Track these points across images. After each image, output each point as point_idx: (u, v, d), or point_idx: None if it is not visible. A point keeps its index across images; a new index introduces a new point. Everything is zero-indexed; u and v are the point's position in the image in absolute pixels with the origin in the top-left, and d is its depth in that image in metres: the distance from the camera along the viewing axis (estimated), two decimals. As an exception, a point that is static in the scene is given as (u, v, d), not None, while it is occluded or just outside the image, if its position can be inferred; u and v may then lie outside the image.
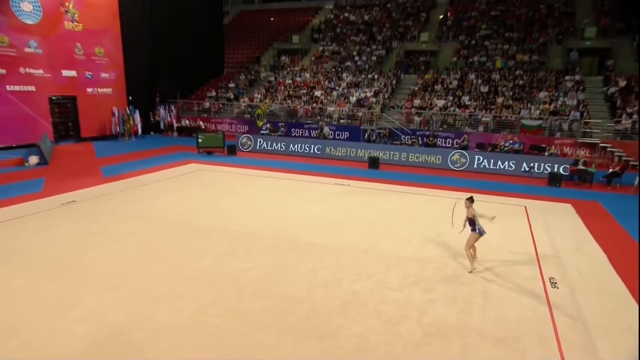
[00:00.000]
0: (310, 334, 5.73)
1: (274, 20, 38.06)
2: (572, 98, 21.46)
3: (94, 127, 22.01)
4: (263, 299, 6.64)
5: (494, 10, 30.52)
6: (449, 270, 7.92)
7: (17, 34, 17.66)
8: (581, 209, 12.19)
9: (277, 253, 8.52)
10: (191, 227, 9.95)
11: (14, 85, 17.78)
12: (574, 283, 7.50)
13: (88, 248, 8.53)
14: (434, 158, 18.03)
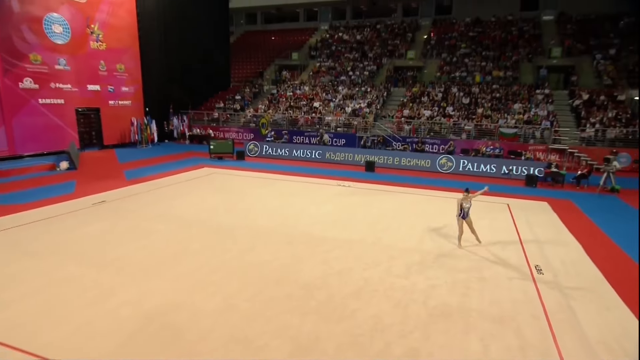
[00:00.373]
0: (330, 316, 5.83)
1: (275, 39, 38.17)
2: (542, 109, 21.74)
3: (115, 135, 22.01)
4: (284, 286, 6.73)
5: (472, 32, 30.84)
6: (447, 260, 8.04)
7: (49, 52, 17.70)
8: (556, 206, 12.36)
9: (293, 247, 8.57)
10: (212, 224, 9.95)
11: (45, 98, 17.80)
12: (556, 269, 7.66)
13: (121, 243, 8.56)
14: (424, 162, 18.12)
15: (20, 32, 16.56)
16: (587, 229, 10.35)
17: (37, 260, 7.51)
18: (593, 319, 5.92)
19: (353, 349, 5.05)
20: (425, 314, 5.93)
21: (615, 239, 9.63)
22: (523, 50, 27.92)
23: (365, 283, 6.87)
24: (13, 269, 7.13)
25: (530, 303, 6.32)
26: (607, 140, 19.67)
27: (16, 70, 16.57)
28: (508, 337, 5.38)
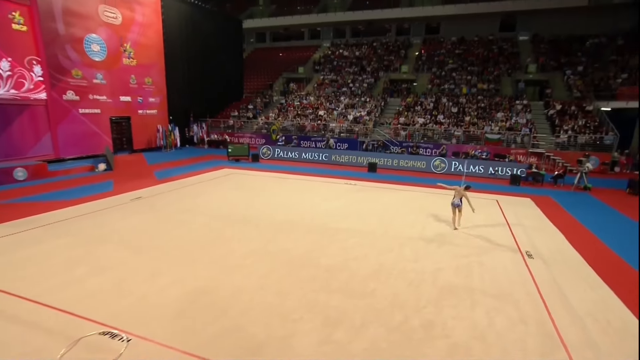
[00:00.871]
0: (353, 293, 6.01)
1: (282, 56, 38.28)
2: (522, 118, 21.88)
3: (143, 141, 22.13)
4: (309, 269, 6.89)
5: (458, 49, 30.96)
6: (449, 247, 8.20)
7: (88, 68, 17.90)
8: (538, 202, 12.53)
9: (313, 236, 8.68)
10: (236, 217, 10.03)
11: (84, 108, 17.97)
12: (544, 255, 7.85)
13: (160, 232, 8.70)
14: (420, 163, 18.21)
15: (64, 51, 16.76)
16: (566, 221, 10.52)
17: (93, 246, 7.69)
18: (579, 296, 6.13)
19: (377, 321, 5.23)
20: (435, 291, 6.12)
21: (591, 229, 9.85)
22: (503, 66, 28.11)
23: (381, 267, 7.04)
24: (77, 252, 7.34)
25: (524, 282, 6.52)
26: (578, 145, 19.88)
27: (61, 84, 16.75)
28: (509, 311, 5.57)
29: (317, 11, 38.05)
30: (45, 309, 5.33)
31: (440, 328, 5.08)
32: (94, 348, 4.56)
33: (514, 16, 32.03)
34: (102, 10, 18.37)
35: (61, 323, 5.02)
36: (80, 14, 17.32)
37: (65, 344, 4.57)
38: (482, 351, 4.62)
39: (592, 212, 11.64)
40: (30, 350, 4.47)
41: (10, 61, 14.74)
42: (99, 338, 4.75)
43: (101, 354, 4.42)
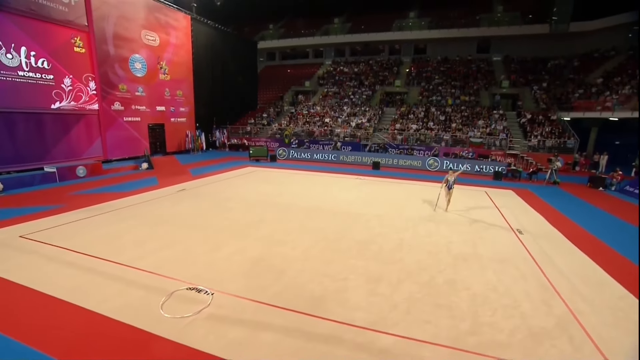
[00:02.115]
0: (385, 261, 6.44)
1: (290, 72, 38.62)
2: (499, 125, 22.37)
3: (175, 144, 22.42)
4: (344, 242, 7.29)
5: (443, 67, 31.46)
6: (454, 225, 8.65)
7: (131, 83, 18.27)
8: (519, 193, 13.05)
9: (339, 218, 9.04)
10: (271, 204, 10.27)
11: (128, 117, 18.30)
12: (531, 232, 8.35)
13: (209, 216, 8.97)
14: (416, 162, 18.61)
15: (113, 68, 17.16)
16: (543, 207, 11.05)
17: (157, 226, 8.04)
18: (562, 260, 6.66)
19: (409, 279, 5.67)
20: (450, 258, 6.58)
21: (563, 212, 10.40)
22: (481, 82, 28.64)
23: (402, 241, 7.47)
24: (145, 231, 7.69)
25: (519, 251, 7.02)
26: (546, 147, 20.43)
27: (109, 96, 17.12)
28: (511, 271, 6.06)
29: (320, 34, 38.49)
30: (136, 271, 5.71)
31: (460, 284, 5.54)
32: (186, 299, 4.96)
33: (489, 40, 32.69)
34: (144, 34, 18.75)
35: (154, 281, 5.41)
36: (126, 37, 17.71)
37: (161, 296, 4.96)
38: (496, 299, 5.09)
39: (562, 200, 12.19)
40: (133, 301, 4.86)
41: (71, 78, 15.10)
42: (188, 292, 5.15)
43: (194, 304, 4.82)
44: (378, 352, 3.93)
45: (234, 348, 3.96)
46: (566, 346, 4.10)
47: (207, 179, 14.32)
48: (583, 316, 4.73)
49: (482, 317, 4.62)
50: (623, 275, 6.04)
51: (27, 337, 4.06)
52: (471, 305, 4.92)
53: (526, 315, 4.69)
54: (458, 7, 34.64)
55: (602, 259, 6.73)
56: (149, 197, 10.81)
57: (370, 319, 4.54)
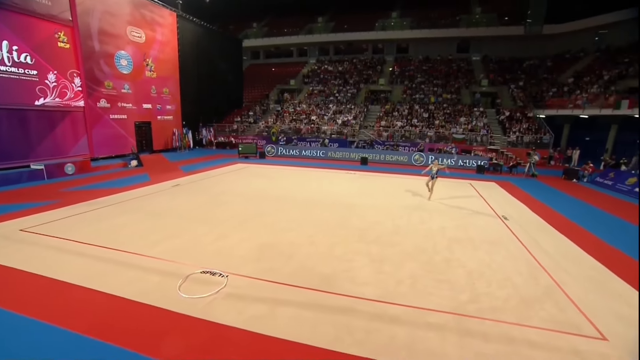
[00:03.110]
0: (385, 244, 6.84)
1: (275, 70, 38.69)
2: (480, 121, 23.29)
3: (162, 142, 22.22)
4: (345, 229, 7.65)
5: (425, 66, 32.32)
6: (445, 213, 9.18)
7: (117, 80, 18.03)
8: (501, 185, 13.77)
9: (337, 208, 9.39)
10: (268, 197, 10.47)
11: (114, 114, 18.06)
12: (515, 217, 8.98)
13: (209, 208, 9.10)
14: (403, 157, 19.15)
15: (99, 65, 16.92)
16: (524, 197, 11.78)
17: (160, 218, 8.18)
18: (546, 241, 7.27)
19: (409, 259, 6.11)
20: (446, 241, 7.07)
21: (542, 201, 11.14)
22: (462, 80, 29.63)
23: (398, 228, 7.91)
24: (148, 224, 7.79)
25: (507, 235, 7.59)
26: (524, 143, 21.49)
27: (95, 93, 16.86)
28: (502, 251, 6.60)
29: (304, 33, 38.76)
30: (148, 259, 5.88)
31: (457, 262, 6.03)
32: (202, 282, 5.20)
33: (468, 41, 33.83)
34: (130, 30, 18.56)
35: (168, 267, 5.61)
36: (112, 33, 17.49)
37: (177, 280, 5.19)
38: (490, 274, 5.59)
39: (540, 191, 12.99)
40: (150, 285, 5.06)
41: (55, 74, 14.82)
42: (203, 275, 5.39)
43: (210, 285, 5.07)
44: (390, 319, 4.32)
45: (256, 321, 4.26)
46: (553, 309, 4.63)
47: (200, 175, 14.37)
48: (565, 285, 5.30)
49: (479, 289, 5.10)
50: (595, 251, 6.75)
51: (51, 317, 4.23)
52: (468, 279, 5.40)
53: (518, 286, 5.21)
54: (438, 8, 35.69)
55: (578, 239, 7.42)
56: (145, 192, 10.83)
57: (379, 293, 4.93)
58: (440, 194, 10.97)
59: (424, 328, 4.15)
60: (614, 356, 3.78)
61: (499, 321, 4.32)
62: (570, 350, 3.83)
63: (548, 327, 4.23)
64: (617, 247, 7.07)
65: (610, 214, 10.01)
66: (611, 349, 3.89)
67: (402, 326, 4.17)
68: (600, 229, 8.27)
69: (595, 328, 4.26)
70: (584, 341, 4.00)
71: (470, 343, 3.90)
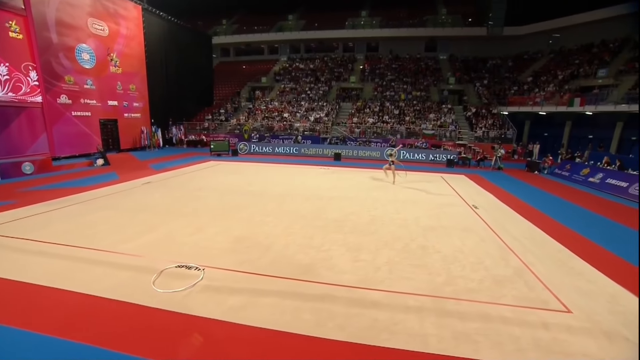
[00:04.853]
0: (361, 233, 6.90)
1: (245, 68, 38.02)
2: (448, 118, 24.02)
3: (129, 141, 21.28)
4: (321, 221, 7.66)
5: (394, 64, 32.84)
6: (419, 204, 9.36)
7: (79, 75, 17.03)
8: (470, 177, 14.27)
9: (312, 201, 9.39)
10: (243, 192, 10.35)
11: (76, 111, 17.08)
12: (485, 206, 9.32)
13: (186, 203, 8.90)
14: (375, 153, 19.38)
15: (58, 58, 15.90)
16: (491, 187, 12.29)
17: (133, 214, 7.87)
18: (512, 227, 7.62)
19: (386, 247, 6.19)
20: (420, 229, 7.22)
21: (508, 191, 11.67)
22: (430, 78, 30.41)
23: (374, 218, 8.01)
24: (122, 219, 7.47)
25: (478, 222, 7.87)
26: (490, 138, 22.38)
27: (55, 88, 15.86)
28: (474, 237, 6.83)
29: (274, 30, 38.42)
30: (121, 255, 5.62)
31: (431, 248, 6.17)
32: (177, 276, 5.02)
33: (435, 40, 34.76)
34: (91, 22, 17.61)
35: (141, 263, 5.38)
36: (72, 25, 16.51)
37: (151, 275, 4.98)
38: (464, 258, 5.77)
39: (506, 182, 13.58)
40: (122, 280, 4.84)
41: (7, 66, 13.81)
42: (178, 270, 5.21)
43: (186, 279, 4.91)
44: (370, 304, 4.35)
45: (235, 312, 4.16)
46: (523, 288, 4.84)
47: (171, 172, 13.95)
48: (533, 266, 5.56)
49: (454, 272, 5.25)
50: (557, 235, 7.14)
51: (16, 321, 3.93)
52: (444, 264, 5.54)
53: (490, 268, 5.41)
54: (406, 8, 36.46)
55: (542, 224, 7.83)
56: (115, 190, 10.37)
57: (358, 279, 4.96)
58: (414, 186, 11.23)
59: (404, 311, 4.21)
60: (577, 326, 4.00)
61: (474, 301, 4.45)
62: (539, 324, 4.01)
63: (519, 304, 4.41)
64: (575, 230, 7.52)
65: (568, 201, 10.63)
66: (575, 320, 4.12)
67: (382, 310, 4.21)
68: (560, 214, 8.77)
69: (560, 302, 4.49)
70: (551, 315, 4.21)
71: (448, 323, 4.00)
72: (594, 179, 13.20)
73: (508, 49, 32.24)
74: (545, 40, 30.67)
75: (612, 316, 4.24)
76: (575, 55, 26.69)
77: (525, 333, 3.85)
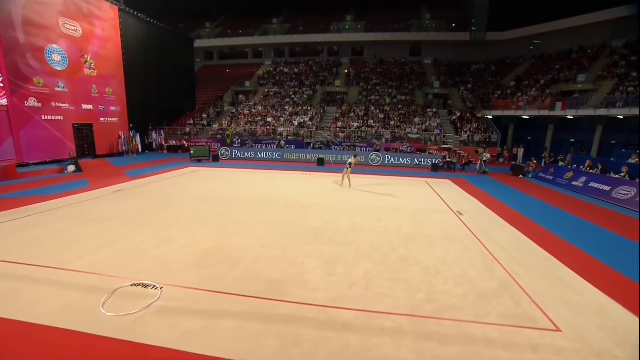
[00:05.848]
0: (339, 243, 6.49)
1: (229, 72, 37.45)
2: (433, 121, 24.00)
3: (106, 146, 20.49)
4: (298, 229, 7.23)
5: (379, 68, 32.89)
6: (401, 211, 9.00)
7: (49, 77, 16.23)
8: (455, 182, 14.08)
9: (291, 208, 8.99)
10: (220, 199, 9.96)
11: (47, 115, 16.24)
12: (469, 213, 9.04)
13: (156, 211, 8.43)
14: (359, 157, 18.99)
15: (25, 59, 15.11)
16: (476, 192, 12.06)
17: (98, 224, 7.30)
18: (497, 233, 7.32)
19: (364, 258, 5.79)
20: (401, 238, 6.84)
21: (493, 195, 11.48)
22: (415, 82, 30.49)
23: (354, 226, 7.61)
24: (84, 229, 6.92)
25: (461, 229, 7.54)
26: (475, 141, 22.41)
27: (22, 90, 15.04)
28: (456, 246, 6.48)
29: (258, 34, 38.02)
30: (72, 273, 5.07)
31: (412, 260, 5.79)
32: (131, 296, 4.51)
33: (419, 44, 34.98)
34: (63, 22, 16.85)
35: (93, 281, 4.84)
36: (41, 24, 15.74)
37: (101, 296, 4.46)
38: (447, 269, 5.40)
39: (491, 186, 13.43)
40: (67, 303, 4.29)
41: (-33, 66, 13.03)
42: (133, 288, 4.69)
43: (140, 299, 4.40)
44: (342, 326, 3.92)
45: (190, 338, 3.68)
46: (509, 303, 4.49)
47: (146, 179, 13.32)
48: (519, 277, 5.22)
49: (435, 286, 4.86)
50: (544, 242, 6.86)
51: None
52: (425, 277, 5.15)
53: (474, 281, 5.04)
54: (391, 12, 36.59)
55: (527, 230, 7.56)
56: (82, 198, 9.75)
57: (330, 297, 4.53)
58: (396, 192, 10.89)
59: (378, 333, 3.79)
60: (567, 347, 3.65)
61: (457, 320, 4.07)
62: (527, 346, 3.65)
63: (506, 323, 4.04)
64: (561, 236, 7.26)
65: (553, 205, 10.46)
66: (564, 340, 3.78)
67: (355, 333, 3.79)
68: (545, 220, 8.54)
69: (549, 319, 4.15)
70: (539, 334, 3.85)
71: (427, 346, 3.60)
72: (577, 183, 13.14)
73: (491, 53, 32.63)
74: (526, 45, 31.11)
75: (602, 332, 3.92)
76: (556, 60, 27.10)
77: (512, 357, 3.47)
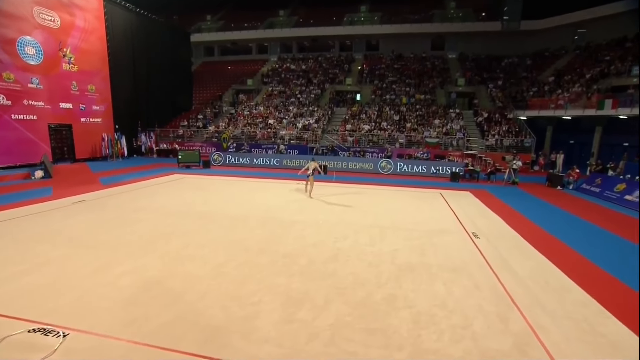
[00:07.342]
0: (314, 276, 5.66)
1: (231, 69, 37.33)
2: (456, 124, 22.95)
3: (87, 150, 20.35)
4: (268, 255, 6.47)
5: (396, 64, 32.06)
6: (402, 232, 8.13)
7: (22, 72, 16.14)
8: (477, 194, 13.05)
9: (269, 227, 8.30)
10: (193, 213, 9.42)
11: (18, 114, 16.10)
12: (488, 235, 8.04)
13: (110, 229, 7.86)
14: (368, 165, 18.28)
15: (-8, 52, 15.04)
16: (501, 207, 11.03)
17: (29, 245, 6.72)
18: (520, 265, 6.31)
19: (339, 299, 4.92)
20: (394, 269, 5.94)
21: (522, 212, 10.41)
22: (436, 79, 29.47)
23: (339, 251, 6.77)
24: (8, 252, 6.32)
25: (474, 257, 6.57)
26: (504, 147, 21.20)
27: (-12, 87, 14.97)
28: (464, 281, 5.52)
29: (264, 27, 37.85)
30: (-37, 311, 4.41)
31: (402, 300, 4.88)
32: (21, 347, 3.79)
33: (443, 37, 34.02)
34: (38, 12, 16.77)
35: (-17, 324, 4.16)
36: (12, 14, 15.68)
37: (-15, 345, 3.76)
38: (445, 317, 4.46)
39: (521, 200, 12.33)
40: None
41: None
42: (28, 336, 3.97)
43: (32, 352, 3.67)
44: (282, 403, 3.07)
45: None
46: (525, 373, 3.52)
47: (120, 188, 12.93)
48: (543, 332, 4.22)
49: (425, 343, 3.94)
50: (586, 279, 5.74)
51: None
52: (413, 327, 4.23)
53: (478, 336, 4.09)
54: (411, 2, 35.77)
55: (563, 262, 6.47)
56: (34, 211, 9.31)
57: (280, 354, 3.68)
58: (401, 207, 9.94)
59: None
60: None
61: (445, 399, 3.15)
62: None
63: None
64: (610, 273, 6.15)
65: (599, 226, 9.29)
66: None
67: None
68: (588, 247, 7.41)
69: (582, 402, 3.17)
70: None
71: None
72: (632, 197, 11.85)
73: (526, 45, 31.24)
74: (568, 35, 29.66)
75: None
76: (605, 51, 25.53)
77: None
